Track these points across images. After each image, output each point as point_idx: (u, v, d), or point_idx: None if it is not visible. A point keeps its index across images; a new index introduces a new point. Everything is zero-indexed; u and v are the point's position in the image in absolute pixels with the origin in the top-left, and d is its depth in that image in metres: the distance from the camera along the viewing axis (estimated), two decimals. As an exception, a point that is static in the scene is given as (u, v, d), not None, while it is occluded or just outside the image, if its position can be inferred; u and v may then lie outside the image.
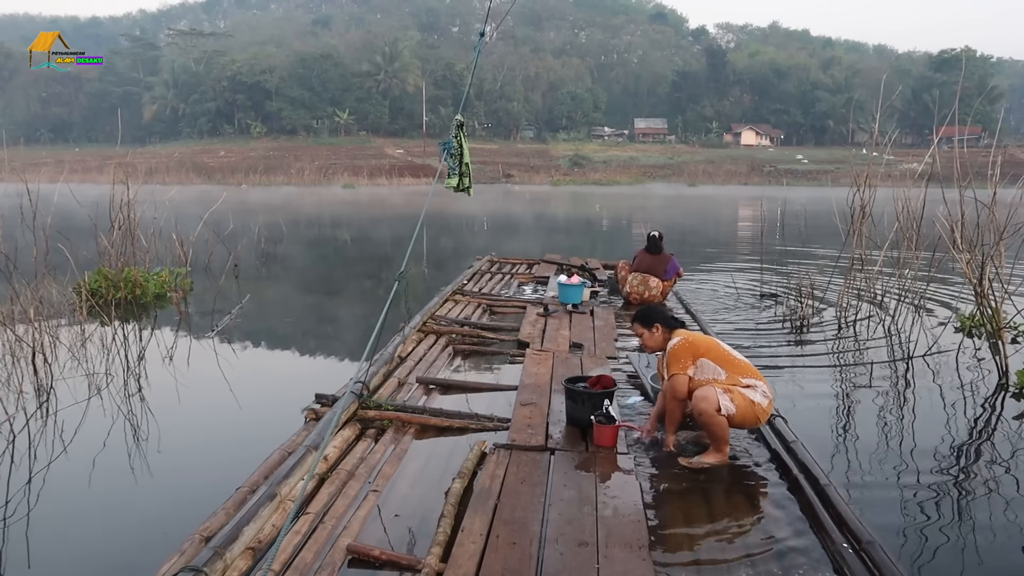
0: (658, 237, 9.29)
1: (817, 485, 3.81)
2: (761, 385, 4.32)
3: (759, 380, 4.35)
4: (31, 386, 5.89)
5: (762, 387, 4.32)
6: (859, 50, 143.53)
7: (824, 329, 8.39)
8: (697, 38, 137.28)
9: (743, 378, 4.31)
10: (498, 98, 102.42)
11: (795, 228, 13.38)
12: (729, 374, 4.31)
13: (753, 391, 4.27)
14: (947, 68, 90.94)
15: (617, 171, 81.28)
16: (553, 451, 4.33)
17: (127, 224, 9.68)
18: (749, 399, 4.23)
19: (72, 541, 3.69)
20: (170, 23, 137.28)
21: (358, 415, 4.84)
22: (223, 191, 20.82)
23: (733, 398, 4.19)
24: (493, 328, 7.79)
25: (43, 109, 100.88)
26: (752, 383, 4.31)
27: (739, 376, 4.31)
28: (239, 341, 7.94)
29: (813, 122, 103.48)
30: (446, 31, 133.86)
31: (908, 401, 5.93)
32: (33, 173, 10.02)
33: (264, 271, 13.78)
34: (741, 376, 4.31)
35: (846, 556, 3.22)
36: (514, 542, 3.25)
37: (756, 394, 4.27)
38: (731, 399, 4.18)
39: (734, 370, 4.33)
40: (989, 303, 6.75)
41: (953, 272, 8.90)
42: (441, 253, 17.78)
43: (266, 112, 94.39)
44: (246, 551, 3.10)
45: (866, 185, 8.36)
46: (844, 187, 8.92)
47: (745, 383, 4.29)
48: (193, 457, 4.84)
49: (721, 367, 4.33)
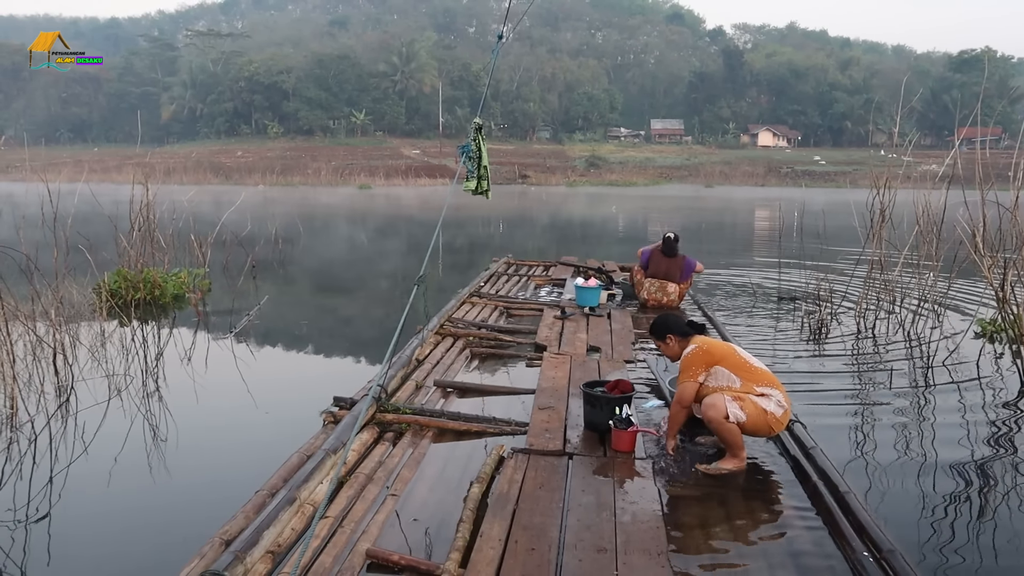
0: (673, 239, 9.18)
1: (837, 492, 3.77)
2: (776, 394, 4.27)
3: (775, 389, 4.30)
4: (52, 386, 5.95)
5: (777, 396, 4.26)
6: (877, 51, 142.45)
7: (843, 332, 8.33)
8: (714, 39, 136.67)
9: (758, 386, 4.27)
10: (514, 99, 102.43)
11: (813, 230, 13.27)
12: (744, 382, 4.27)
13: (767, 400, 4.22)
14: (967, 69, 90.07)
15: (633, 172, 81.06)
16: (571, 456, 4.32)
17: (146, 225, 9.76)
18: (761, 408, 4.18)
19: (92, 541, 3.73)
20: (188, 24, 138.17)
21: (376, 418, 4.85)
22: (241, 191, 20.95)
23: (744, 406, 4.16)
24: (510, 331, 7.78)
25: (63, 109, 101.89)
26: (767, 392, 4.26)
27: (754, 384, 4.27)
28: (257, 342, 7.98)
29: (831, 123, 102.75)
30: (463, 32, 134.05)
31: (928, 407, 5.88)
32: (53, 173, 10.11)
33: (281, 272, 13.84)
34: (756, 384, 4.27)
35: (866, 565, 3.19)
36: (533, 548, 3.24)
37: (770, 403, 4.22)
38: (741, 407, 4.15)
39: (749, 378, 4.29)
40: (1011, 308, 6.68)
41: (974, 276, 8.80)
42: (457, 254, 17.81)
43: (283, 112, 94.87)
44: (265, 555, 3.11)
45: (885, 187, 8.28)
46: (863, 189, 8.88)
47: (759, 391, 4.25)
48: (211, 458, 4.88)
49: (736, 374, 4.29)
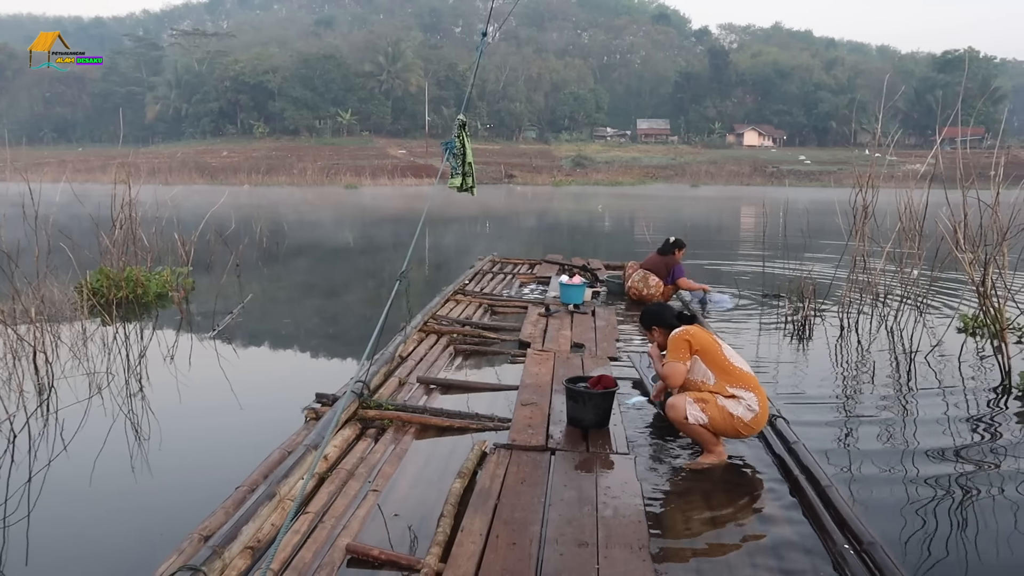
0: (672, 241, 9.39)
1: (818, 486, 3.79)
2: (749, 398, 4.22)
3: (751, 392, 4.25)
4: (32, 385, 5.88)
5: (749, 400, 4.21)
6: (862, 51, 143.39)
7: (827, 329, 8.37)
8: (700, 39, 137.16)
9: (731, 387, 4.24)
10: (500, 99, 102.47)
11: (798, 228, 13.34)
12: (718, 380, 4.26)
13: (736, 403, 4.19)
14: (950, 69, 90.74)
15: (619, 172, 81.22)
16: (554, 451, 4.32)
17: (129, 223, 9.68)
18: (728, 411, 4.17)
19: (71, 540, 3.68)
20: (173, 23, 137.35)
21: (358, 415, 4.84)
22: (225, 191, 20.84)
23: (706, 408, 4.16)
24: (494, 328, 7.78)
25: (46, 109, 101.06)
26: (739, 394, 4.22)
27: (727, 384, 4.24)
28: (240, 341, 7.94)
29: (816, 123, 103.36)
30: (449, 31, 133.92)
31: (910, 402, 5.91)
32: (36, 173, 10.02)
33: (266, 271, 13.77)
34: (730, 385, 4.24)
35: (848, 557, 3.20)
36: (514, 542, 3.24)
37: (739, 407, 4.19)
38: (703, 409, 4.16)
39: (725, 378, 4.27)
40: (992, 304, 6.73)
41: (956, 273, 8.87)
42: (442, 253, 17.78)
43: (269, 112, 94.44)
44: (245, 550, 3.10)
45: (869, 186, 8.33)
46: (847, 188, 8.90)
47: (731, 392, 4.22)
48: (193, 457, 4.83)
49: (712, 371, 4.28)
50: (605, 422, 4.72)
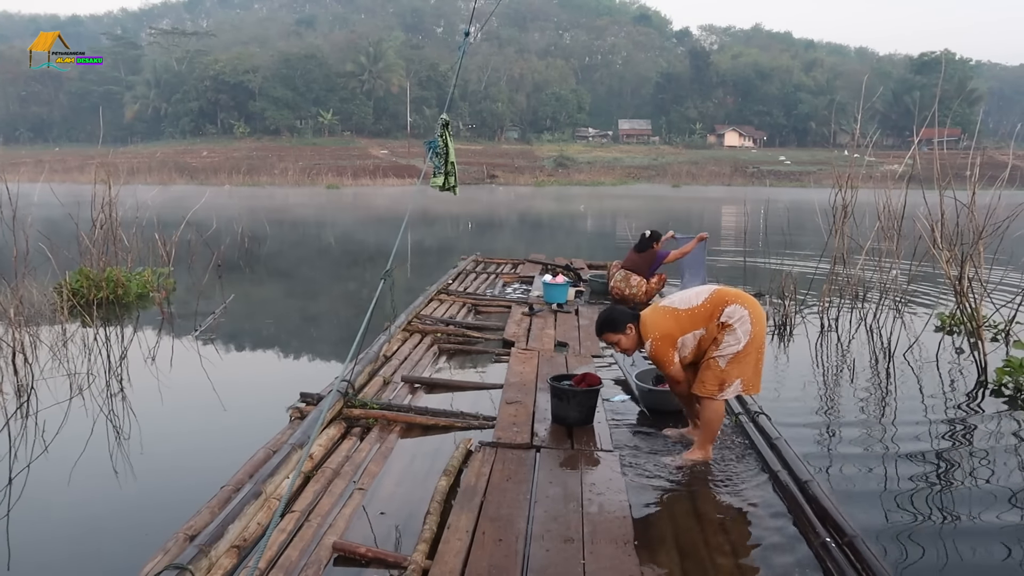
0: (648, 236, 9.28)
1: (800, 481, 3.84)
2: (732, 314, 4.19)
3: (731, 305, 4.22)
4: (11, 386, 5.83)
5: (733, 316, 4.18)
6: (841, 52, 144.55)
7: (807, 328, 8.46)
8: (681, 40, 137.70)
9: (715, 319, 4.21)
10: (482, 99, 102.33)
11: (778, 228, 13.45)
12: (706, 328, 4.22)
13: (731, 334, 4.18)
14: (927, 71, 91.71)
15: (601, 172, 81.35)
16: (539, 449, 4.34)
17: (109, 223, 9.60)
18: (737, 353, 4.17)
19: (54, 542, 3.66)
20: (152, 22, 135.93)
21: (343, 414, 4.83)
22: (206, 191, 20.68)
23: (727, 376, 4.17)
24: (478, 327, 7.79)
25: (22, 108, 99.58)
26: (724, 320, 4.19)
27: (712, 320, 4.21)
28: (223, 341, 7.89)
29: (795, 124, 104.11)
30: (430, 32, 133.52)
31: (889, 399, 6.00)
32: (12, 172, 9.90)
33: (248, 271, 13.69)
34: (710, 320, 4.21)
35: (830, 550, 3.25)
36: (500, 539, 3.26)
37: (734, 336, 4.17)
38: (726, 380, 4.18)
39: (702, 321, 4.22)
40: (968, 302, 6.84)
41: (934, 272, 8.99)
42: (426, 253, 17.75)
43: (249, 112, 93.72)
44: (231, 549, 3.09)
45: (848, 186, 8.43)
46: (826, 188, 9.00)
47: (720, 323, 4.20)
48: (177, 458, 4.80)
49: (693, 329, 4.23)
50: (589, 419, 4.74)
